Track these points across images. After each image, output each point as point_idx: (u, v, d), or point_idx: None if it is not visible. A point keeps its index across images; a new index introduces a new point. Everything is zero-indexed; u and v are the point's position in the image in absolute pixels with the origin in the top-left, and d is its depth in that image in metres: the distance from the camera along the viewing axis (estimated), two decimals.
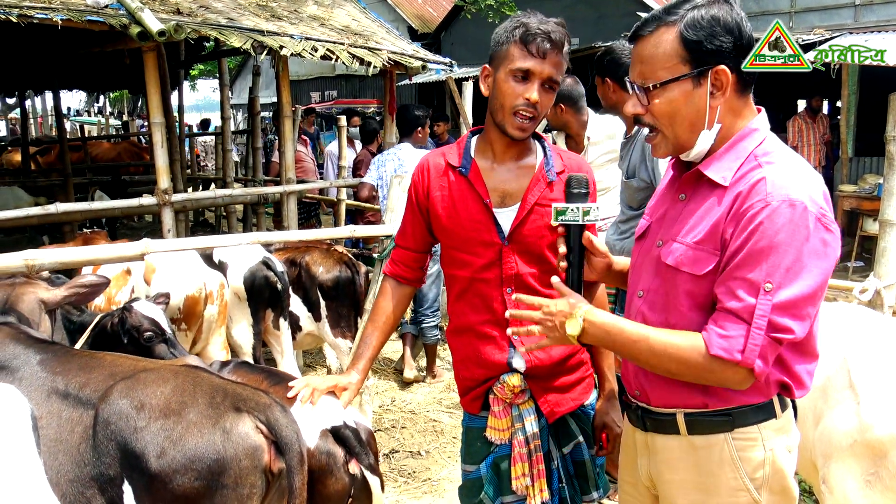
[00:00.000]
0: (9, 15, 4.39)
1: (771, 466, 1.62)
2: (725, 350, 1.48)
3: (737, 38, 1.56)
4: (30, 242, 9.18)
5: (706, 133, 1.59)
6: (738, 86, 1.59)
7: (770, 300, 1.45)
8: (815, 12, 10.87)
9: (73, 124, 22.00)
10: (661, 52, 1.58)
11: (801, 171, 1.54)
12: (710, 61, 1.55)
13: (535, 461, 2.09)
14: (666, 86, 1.58)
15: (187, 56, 9.47)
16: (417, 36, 16.87)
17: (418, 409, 4.91)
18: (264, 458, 1.94)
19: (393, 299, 2.27)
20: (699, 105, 1.58)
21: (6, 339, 2.31)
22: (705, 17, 1.55)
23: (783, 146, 1.61)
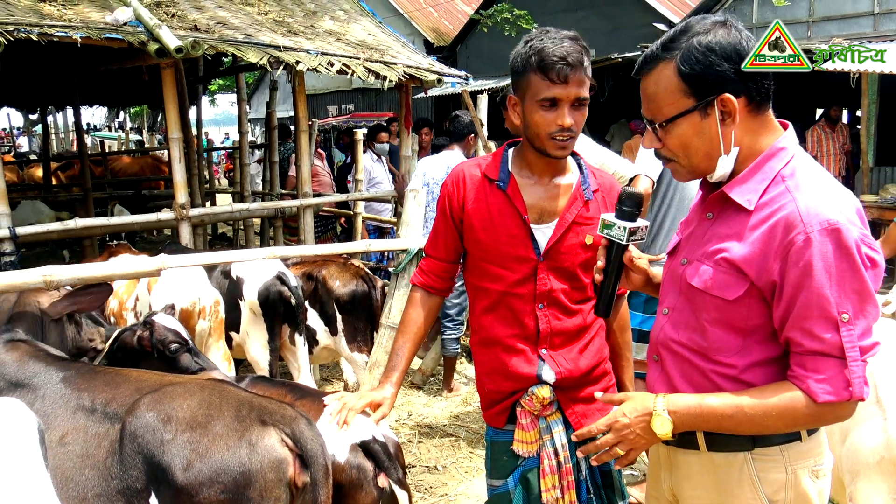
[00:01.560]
0: (29, 34, 4.45)
1: (794, 490, 1.58)
2: (832, 394, 1.45)
3: (736, 62, 1.52)
4: (51, 256, 9.31)
5: (724, 158, 1.57)
6: (750, 107, 1.56)
7: (853, 329, 1.43)
8: (834, 21, 10.79)
9: (94, 139, 22.29)
10: (662, 89, 1.57)
11: (833, 190, 1.50)
12: (714, 91, 1.53)
13: (565, 473, 2.08)
14: (674, 122, 1.57)
15: (205, 71, 9.57)
16: (433, 49, 16.94)
17: (435, 424, 4.88)
18: (289, 471, 1.94)
19: (423, 310, 2.26)
20: (711, 134, 1.55)
21: (25, 356, 2.32)
22: (700, 48, 1.52)
23: (812, 164, 1.57)
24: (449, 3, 19.82)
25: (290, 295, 4.22)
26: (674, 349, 1.68)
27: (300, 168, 6.66)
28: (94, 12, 5.14)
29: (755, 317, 1.54)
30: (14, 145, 25.31)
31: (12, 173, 12.78)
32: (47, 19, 4.74)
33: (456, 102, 14.17)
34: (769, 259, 1.48)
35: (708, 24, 1.55)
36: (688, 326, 1.65)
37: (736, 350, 1.58)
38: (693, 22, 1.57)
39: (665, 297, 1.75)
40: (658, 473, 1.81)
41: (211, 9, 6.21)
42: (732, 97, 1.52)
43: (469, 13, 16.49)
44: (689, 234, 1.72)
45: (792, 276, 1.46)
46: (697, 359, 1.63)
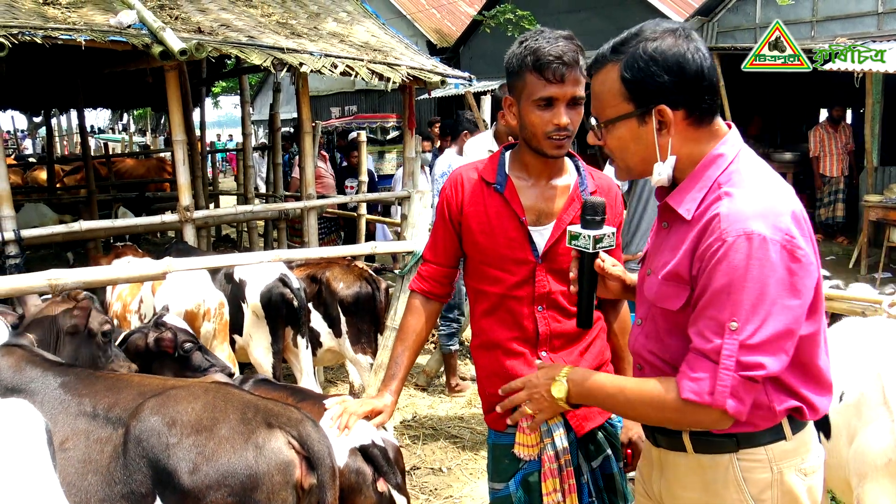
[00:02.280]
0: (34, 37, 4.46)
1: (779, 488, 1.58)
2: (695, 393, 1.46)
3: (677, 75, 1.50)
4: (55, 259, 9.32)
5: (660, 164, 1.57)
6: (689, 120, 1.55)
7: (737, 339, 1.41)
8: (838, 21, 10.76)
9: (98, 142, 22.34)
10: (606, 91, 1.58)
11: (764, 195, 1.47)
12: (652, 100, 1.53)
13: (566, 476, 2.07)
14: (613, 123, 1.59)
15: (209, 73, 9.58)
16: (436, 50, 16.94)
17: (439, 426, 4.88)
18: (296, 473, 1.94)
19: (421, 316, 2.25)
20: (647, 141, 1.56)
21: (21, 361, 2.28)
22: (644, 57, 1.51)
23: (752, 166, 1.54)
24: (452, 4, 19.82)
25: (292, 297, 4.22)
26: (649, 360, 1.70)
27: (304, 170, 6.67)
28: (98, 15, 5.14)
29: None
30: (19, 147, 25.38)
31: (16, 176, 12.80)
32: (51, 22, 4.75)
33: (459, 104, 14.17)
34: (696, 265, 1.49)
35: (658, 32, 1.54)
36: (654, 337, 1.67)
37: None
38: (646, 26, 1.57)
39: (638, 308, 1.76)
40: (650, 475, 1.81)
41: (214, 11, 6.22)
42: (669, 109, 1.52)
43: (472, 14, 16.49)
44: (652, 243, 1.74)
45: (702, 281, 1.47)
46: (667, 368, 1.63)
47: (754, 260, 1.40)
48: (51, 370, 2.25)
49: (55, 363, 2.34)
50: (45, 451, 1.48)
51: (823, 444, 2.47)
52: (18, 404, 1.52)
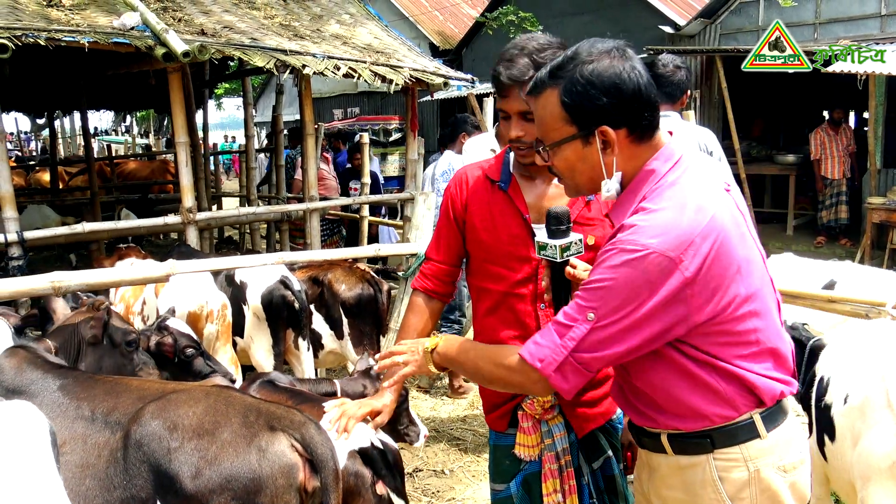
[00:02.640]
0: (37, 38, 4.47)
1: (757, 486, 1.60)
2: (530, 354, 1.58)
3: (615, 96, 1.54)
4: (58, 261, 9.33)
5: (607, 182, 1.61)
6: (631, 137, 1.59)
7: (587, 327, 1.51)
8: (841, 23, 10.75)
9: (101, 144, 22.36)
10: (548, 114, 1.62)
11: (672, 213, 1.50)
12: (594, 122, 1.57)
13: (567, 477, 2.08)
14: (558, 146, 1.63)
15: (212, 75, 9.59)
16: (439, 52, 16.95)
17: (442, 427, 4.87)
18: (300, 476, 1.93)
19: (423, 314, 2.25)
20: (593, 161, 1.61)
21: (23, 363, 2.28)
22: (581, 80, 1.55)
23: (679, 180, 1.57)
24: (454, 6, 19.83)
25: (293, 299, 4.21)
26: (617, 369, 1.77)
27: (306, 172, 6.67)
28: (102, 17, 5.16)
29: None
30: (23, 150, 25.40)
31: (19, 178, 12.83)
32: (55, 24, 4.76)
33: (462, 106, 14.18)
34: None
35: (594, 53, 1.57)
36: None
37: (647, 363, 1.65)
38: (581, 48, 1.60)
39: None
40: (640, 475, 1.85)
41: (217, 13, 6.23)
42: (611, 129, 1.56)
43: (474, 16, 16.51)
44: None
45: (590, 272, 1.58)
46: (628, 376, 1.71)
47: (637, 270, 1.46)
48: (51, 373, 2.24)
49: (56, 366, 2.33)
50: (49, 452, 1.48)
51: (828, 447, 2.47)
52: (23, 406, 1.52)
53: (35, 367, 2.27)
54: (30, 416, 1.50)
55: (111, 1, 5.52)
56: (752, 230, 1.63)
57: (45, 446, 1.47)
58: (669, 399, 1.62)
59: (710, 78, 11.58)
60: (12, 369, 2.25)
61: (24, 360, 2.29)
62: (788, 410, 1.68)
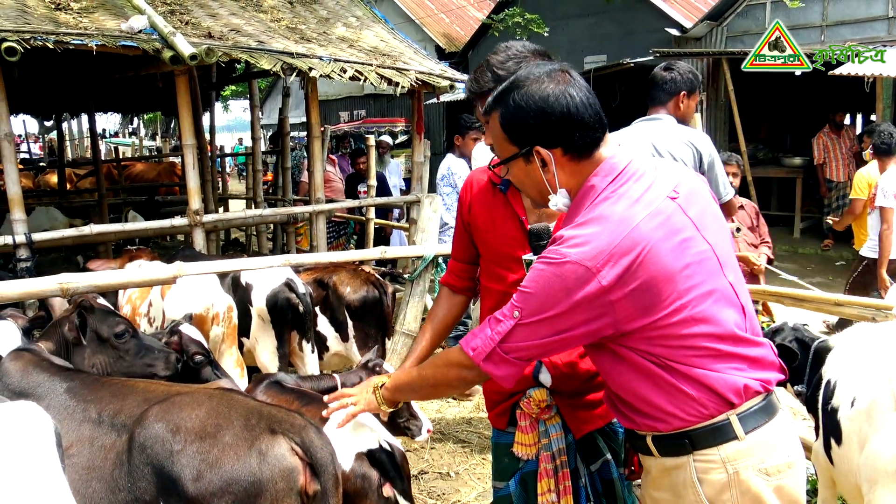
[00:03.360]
0: (46, 42, 4.49)
1: (737, 489, 1.61)
2: (466, 345, 1.73)
3: (541, 118, 1.65)
4: (65, 263, 9.36)
5: (554, 197, 1.73)
6: (569, 156, 1.68)
7: (512, 322, 1.64)
8: (848, 25, 10.72)
9: (108, 146, 22.46)
10: (496, 135, 1.76)
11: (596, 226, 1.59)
12: (528, 142, 1.69)
13: (562, 477, 2.09)
14: (506, 163, 1.77)
15: (219, 78, 9.62)
16: (445, 55, 16.96)
17: (447, 430, 4.87)
18: (300, 480, 1.94)
19: (444, 306, 2.38)
20: (536, 177, 1.73)
21: (28, 366, 2.29)
22: (513, 105, 1.68)
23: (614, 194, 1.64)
24: (461, 8, 19.85)
25: (298, 301, 4.22)
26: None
27: (313, 174, 6.69)
28: (110, 20, 5.18)
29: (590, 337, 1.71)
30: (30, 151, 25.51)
31: (27, 180, 12.89)
32: (63, 27, 4.78)
33: (467, 108, 14.17)
34: None
35: (531, 78, 1.68)
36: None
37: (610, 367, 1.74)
38: (521, 74, 1.72)
39: None
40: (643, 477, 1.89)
41: (224, 16, 6.26)
42: (544, 149, 1.67)
43: (481, 19, 16.52)
44: None
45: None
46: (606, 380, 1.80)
47: (556, 277, 1.57)
48: (57, 375, 2.26)
49: (62, 369, 2.34)
50: (54, 452, 1.48)
51: (834, 451, 2.46)
52: (27, 406, 1.52)
53: (41, 369, 2.28)
54: (35, 416, 1.50)
55: (119, 4, 5.55)
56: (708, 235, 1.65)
57: (50, 447, 1.48)
58: (640, 400, 1.68)
59: (716, 80, 11.55)
60: (18, 372, 2.26)
61: (29, 363, 2.30)
62: (775, 412, 1.67)
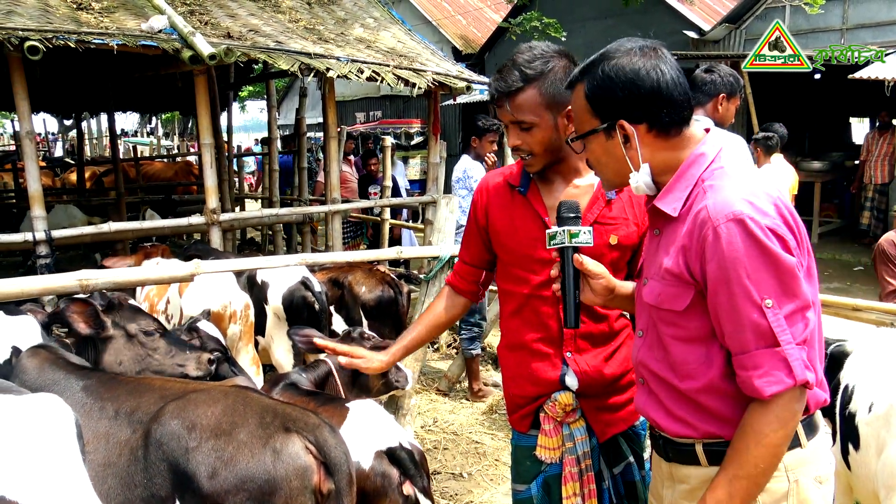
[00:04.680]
0: (67, 41, 4.54)
1: (796, 498, 1.55)
2: (777, 383, 1.44)
3: (631, 91, 1.58)
4: (83, 260, 9.45)
5: (635, 174, 1.64)
6: (654, 132, 1.61)
7: (779, 312, 1.44)
8: (868, 28, 10.62)
9: (126, 145, 22.65)
10: (577, 108, 1.70)
11: (746, 185, 1.52)
12: (613, 116, 1.61)
13: (586, 481, 2.08)
14: (585, 138, 1.69)
15: (237, 77, 9.68)
16: (461, 56, 16.97)
17: (460, 431, 4.87)
18: (314, 478, 1.94)
19: (444, 303, 2.36)
20: (616, 154, 1.64)
21: (45, 363, 2.32)
22: (602, 75, 1.61)
23: (735, 164, 1.60)
24: (478, 10, 19.86)
25: (313, 300, 4.24)
26: (654, 371, 1.69)
27: (329, 174, 6.71)
28: (130, 20, 5.23)
29: (709, 322, 1.55)
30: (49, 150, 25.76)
31: (47, 178, 13.04)
32: (84, 27, 4.83)
33: (483, 109, 14.18)
34: (694, 260, 1.53)
35: (620, 51, 1.62)
36: (657, 346, 1.68)
37: (701, 360, 1.58)
38: (611, 46, 1.65)
39: (639, 319, 1.78)
40: (658, 490, 1.79)
41: (243, 16, 6.30)
42: (629, 124, 1.60)
43: (497, 21, 16.51)
44: (646, 252, 1.78)
45: (710, 273, 1.49)
46: (672, 377, 1.63)
47: (751, 238, 1.43)
48: (74, 373, 2.28)
49: (78, 367, 2.36)
50: (75, 444, 1.50)
51: (852, 456, 2.44)
52: (49, 398, 1.55)
53: (57, 367, 2.31)
54: (56, 408, 1.52)
55: (139, 4, 5.60)
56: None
57: (70, 438, 1.50)
58: (719, 401, 1.56)
59: None
60: (35, 369, 2.30)
61: (45, 360, 2.33)
62: (820, 420, 1.64)
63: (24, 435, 1.42)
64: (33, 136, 5.05)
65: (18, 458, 1.37)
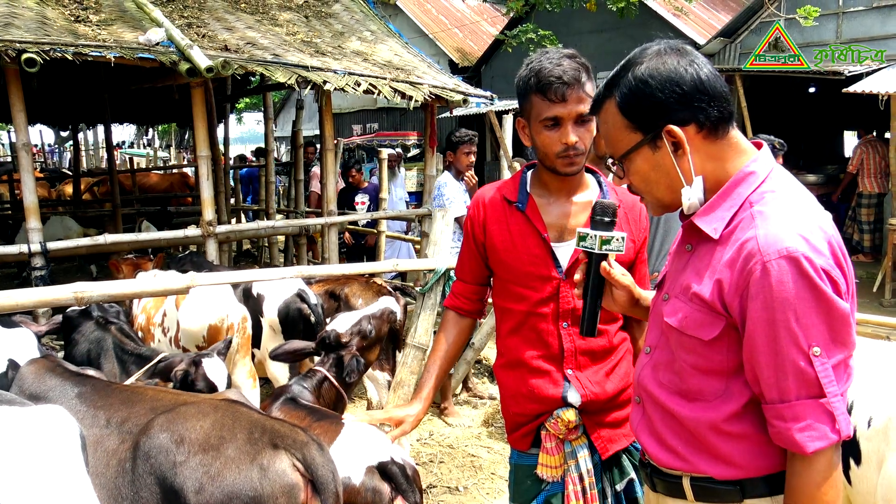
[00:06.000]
0: (65, 53, 4.55)
1: None
2: (821, 438, 1.33)
3: (672, 89, 1.44)
4: (79, 271, 9.44)
5: (688, 189, 1.48)
6: (703, 134, 1.46)
7: (827, 361, 1.32)
8: (863, 43, 10.69)
9: (123, 156, 22.66)
10: (612, 127, 1.54)
11: (801, 216, 1.37)
12: (657, 123, 1.46)
13: (590, 499, 2.05)
14: (627, 157, 1.53)
15: (234, 90, 9.71)
16: (458, 69, 17.04)
17: (456, 444, 4.85)
18: (300, 496, 1.93)
19: (453, 330, 2.30)
20: (667, 167, 1.49)
21: (42, 370, 2.35)
22: (635, 82, 1.47)
23: (787, 187, 1.46)
24: (474, 24, 19.97)
25: (309, 312, 4.23)
26: (653, 394, 1.60)
27: (325, 186, 6.71)
28: (128, 32, 5.25)
29: (735, 357, 1.43)
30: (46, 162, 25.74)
31: (43, 189, 13.01)
32: (82, 39, 4.85)
33: (480, 122, 14.23)
34: (733, 293, 1.39)
35: (646, 55, 1.50)
36: (668, 367, 1.57)
37: (717, 394, 1.47)
38: (633, 55, 1.53)
39: (649, 335, 1.66)
40: None
41: (241, 29, 6.32)
42: (677, 127, 1.44)
43: (494, 34, 16.58)
44: (672, 266, 1.63)
45: (753, 311, 1.35)
46: (677, 403, 1.54)
47: (804, 279, 1.30)
48: (69, 380, 2.29)
49: (74, 373, 2.38)
50: (79, 455, 1.50)
51: (853, 471, 2.43)
52: (54, 409, 1.55)
53: (54, 374, 2.32)
54: (61, 419, 1.52)
55: (137, 17, 5.62)
56: None
57: (75, 449, 1.49)
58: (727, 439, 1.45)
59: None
60: (32, 377, 2.32)
61: (43, 368, 2.35)
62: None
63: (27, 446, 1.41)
64: (29, 147, 5.04)
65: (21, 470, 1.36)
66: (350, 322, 3.05)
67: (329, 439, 2.20)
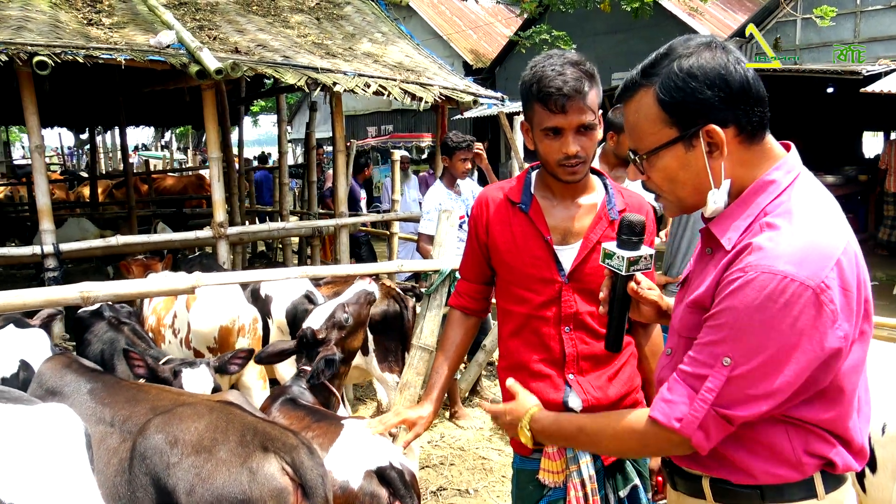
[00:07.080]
0: (76, 56, 4.58)
1: None
2: (664, 414, 1.38)
3: (721, 89, 1.36)
4: (96, 273, 9.52)
5: (715, 192, 1.41)
6: (741, 137, 1.39)
7: (725, 375, 1.31)
8: (881, 42, 10.57)
9: (140, 159, 22.87)
10: (643, 118, 1.44)
11: (809, 234, 1.30)
12: (697, 121, 1.38)
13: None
14: (656, 153, 1.44)
15: (248, 93, 9.75)
16: (472, 71, 17.05)
17: (467, 446, 4.82)
18: (290, 500, 1.93)
19: (459, 330, 2.29)
20: (697, 167, 1.41)
21: (59, 366, 2.42)
22: (681, 74, 1.37)
23: (806, 197, 1.38)
24: (488, 25, 19.96)
25: None
26: None
27: (337, 188, 6.72)
28: (139, 35, 5.28)
29: None
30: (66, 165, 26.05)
31: (61, 191, 13.16)
32: (93, 42, 4.88)
33: (493, 124, 14.21)
34: (716, 295, 1.37)
35: (692, 47, 1.40)
36: None
37: None
38: (676, 44, 1.43)
39: (670, 337, 1.61)
40: None
41: (252, 32, 6.34)
42: (718, 128, 1.37)
43: (508, 35, 16.58)
44: (694, 268, 1.58)
45: (714, 307, 1.35)
46: None
47: (771, 302, 1.26)
48: (84, 376, 2.35)
49: (88, 369, 2.44)
50: (84, 454, 1.51)
51: (868, 479, 2.38)
52: (59, 409, 1.56)
53: (71, 371, 2.39)
54: (66, 418, 1.53)
55: (149, 20, 5.66)
56: None
57: (80, 448, 1.50)
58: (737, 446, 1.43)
59: None
60: (52, 371, 2.40)
61: (61, 364, 2.43)
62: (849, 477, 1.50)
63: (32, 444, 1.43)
64: (42, 150, 5.08)
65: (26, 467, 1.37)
66: (324, 316, 3.01)
67: (328, 441, 2.18)
